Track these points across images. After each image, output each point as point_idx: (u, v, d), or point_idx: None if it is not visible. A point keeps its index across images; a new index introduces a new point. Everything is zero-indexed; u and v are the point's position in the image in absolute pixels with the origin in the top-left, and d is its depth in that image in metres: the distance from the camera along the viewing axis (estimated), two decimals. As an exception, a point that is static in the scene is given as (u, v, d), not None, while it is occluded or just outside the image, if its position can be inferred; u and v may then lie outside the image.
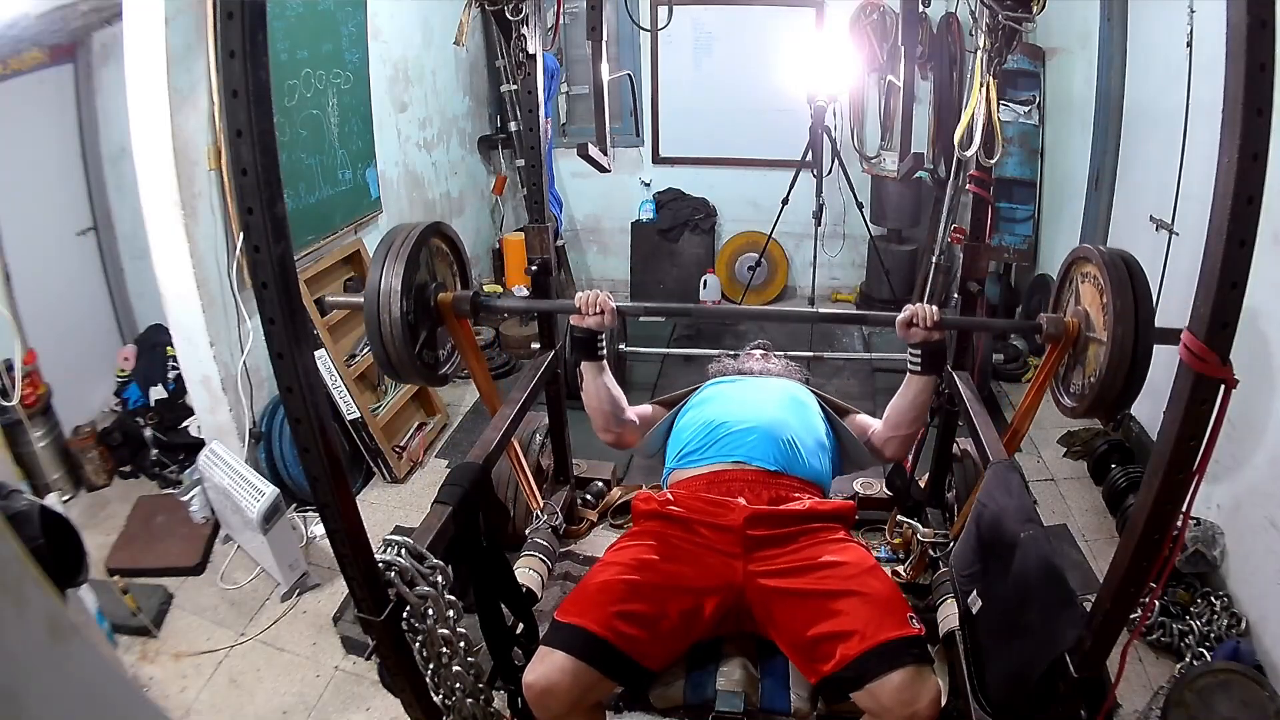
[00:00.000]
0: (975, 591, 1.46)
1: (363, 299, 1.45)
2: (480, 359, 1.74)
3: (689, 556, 1.50)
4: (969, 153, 1.86)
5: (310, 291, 2.90)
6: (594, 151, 2.01)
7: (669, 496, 1.64)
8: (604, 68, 2.02)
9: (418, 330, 1.52)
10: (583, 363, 1.73)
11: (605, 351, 1.75)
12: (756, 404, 1.78)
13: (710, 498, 1.58)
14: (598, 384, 1.75)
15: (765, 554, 1.50)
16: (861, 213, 4.23)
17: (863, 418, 1.93)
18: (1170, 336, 1.44)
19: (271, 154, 0.86)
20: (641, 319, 4.60)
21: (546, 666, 1.34)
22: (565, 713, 1.36)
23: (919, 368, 1.64)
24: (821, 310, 3.16)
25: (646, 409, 1.94)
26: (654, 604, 1.42)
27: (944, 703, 1.37)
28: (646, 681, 1.44)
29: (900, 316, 1.58)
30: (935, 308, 1.58)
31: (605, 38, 2.01)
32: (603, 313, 1.62)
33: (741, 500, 1.56)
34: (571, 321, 1.68)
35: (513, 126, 4.46)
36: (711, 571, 1.48)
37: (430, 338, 1.58)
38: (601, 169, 2.09)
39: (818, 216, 4.08)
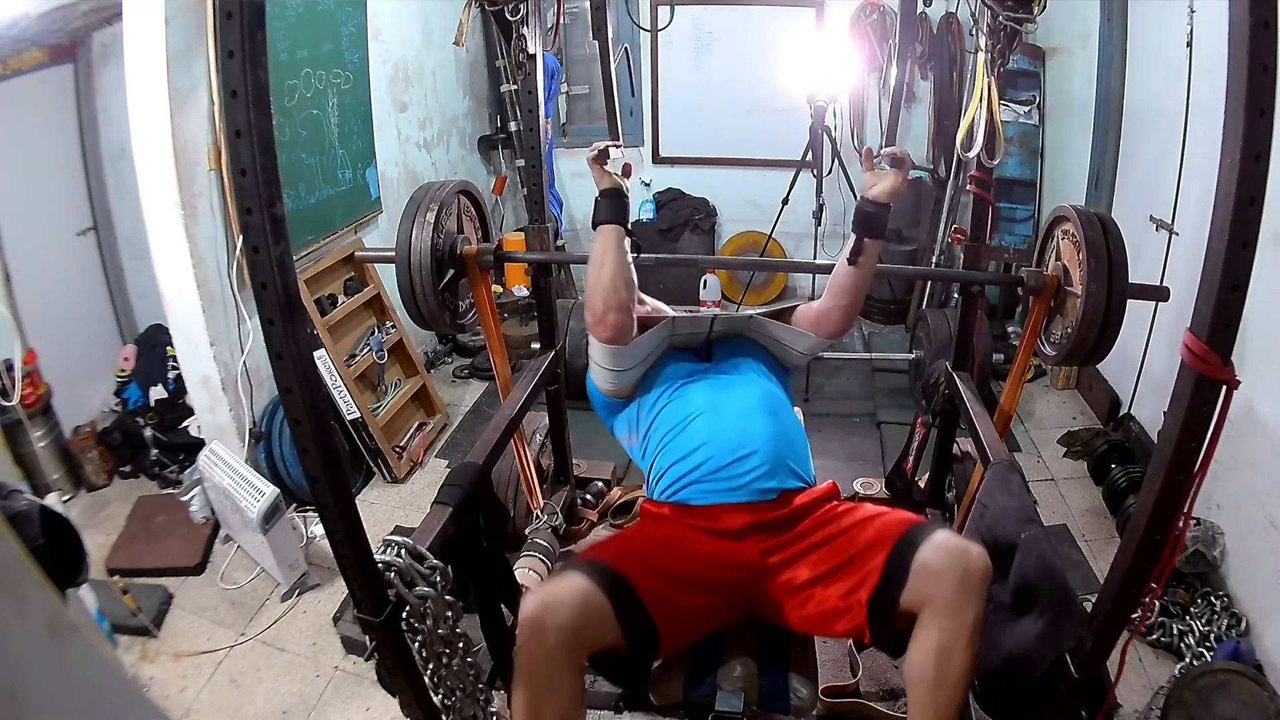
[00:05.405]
0: (975, 591, 1.46)
1: (394, 251, 1.65)
2: (495, 316, 1.83)
3: (706, 550, 1.45)
4: (971, 154, 1.86)
5: (310, 292, 2.90)
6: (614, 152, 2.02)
7: (673, 514, 1.53)
8: (612, 65, 2.04)
9: (443, 271, 1.69)
10: (605, 225, 1.52)
11: (632, 227, 1.58)
12: (744, 421, 1.56)
13: (719, 543, 1.47)
14: (619, 251, 1.50)
15: (777, 557, 1.44)
16: (861, 213, 4.22)
17: (801, 307, 1.78)
18: (1147, 292, 1.50)
19: (271, 154, 0.86)
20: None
21: (557, 585, 1.22)
22: (553, 645, 1.18)
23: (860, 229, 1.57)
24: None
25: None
26: (682, 577, 1.36)
27: None
28: (653, 647, 1.32)
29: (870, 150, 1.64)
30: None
31: (610, 37, 2.02)
32: (626, 175, 1.58)
33: (750, 539, 1.46)
34: (598, 185, 1.57)
35: (513, 126, 4.46)
36: (729, 566, 1.43)
37: (452, 284, 1.74)
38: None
39: (818, 216, 4.07)
